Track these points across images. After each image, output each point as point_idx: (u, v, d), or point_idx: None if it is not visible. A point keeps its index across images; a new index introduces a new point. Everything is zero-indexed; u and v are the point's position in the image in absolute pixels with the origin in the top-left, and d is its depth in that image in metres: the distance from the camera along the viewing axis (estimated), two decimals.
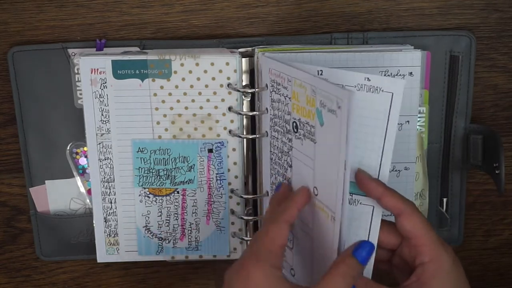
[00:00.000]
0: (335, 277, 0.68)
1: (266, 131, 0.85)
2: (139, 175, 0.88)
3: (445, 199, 0.92)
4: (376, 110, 0.72)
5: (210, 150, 0.87)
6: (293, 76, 0.76)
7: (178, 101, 0.86)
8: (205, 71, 0.85)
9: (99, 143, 0.87)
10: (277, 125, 0.82)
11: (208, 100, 0.86)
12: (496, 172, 0.86)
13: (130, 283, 0.99)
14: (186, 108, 0.86)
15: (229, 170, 0.88)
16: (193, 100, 0.86)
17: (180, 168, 0.87)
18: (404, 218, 0.72)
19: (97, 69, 0.85)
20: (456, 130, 0.91)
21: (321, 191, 0.73)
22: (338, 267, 0.69)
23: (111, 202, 0.89)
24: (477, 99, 0.92)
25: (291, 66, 0.76)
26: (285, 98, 0.78)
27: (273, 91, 0.82)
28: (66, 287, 0.99)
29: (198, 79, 0.85)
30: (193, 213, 0.89)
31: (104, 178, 0.88)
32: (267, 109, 0.84)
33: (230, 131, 0.87)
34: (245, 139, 0.88)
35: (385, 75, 0.82)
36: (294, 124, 0.77)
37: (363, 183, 0.73)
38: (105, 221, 0.89)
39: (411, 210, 0.72)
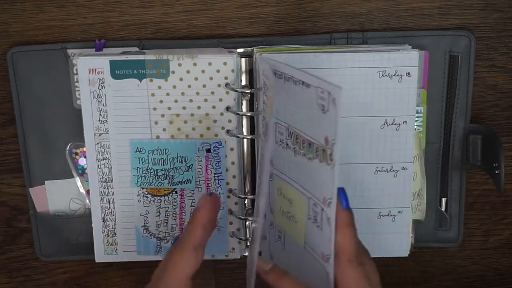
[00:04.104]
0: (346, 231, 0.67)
1: None
2: (137, 175, 0.88)
3: (444, 199, 0.92)
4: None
5: (208, 150, 0.87)
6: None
7: (176, 101, 0.86)
8: (203, 71, 0.85)
9: (97, 143, 0.87)
10: None
11: (205, 100, 0.86)
12: (496, 172, 0.86)
13: (130, 283, 0.99)
14: (184, 108, 0.86)
15: (227, 170, 0.88)
16: (190, 100, 0.86)
17: (178, 168, 0.87)
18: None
19: (95, 69, 0.85)
20: (456, 130, 0.90)
21: None
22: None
23: (109, 202, 0.89)
24: (477, 99, 0.91)
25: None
26: None
27: None
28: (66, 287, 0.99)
29: (196, 79, 0.85)
30: (191, 213, 0.89)
31: (102, 178, 0.88)
32: None
33: (228, 131, 0.87)
34: (243, 139, 0.88)
35: (382, 75, 0.83)
36: None
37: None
38: (104, 221, 0.89)
39: (342, 260, 0.68)
